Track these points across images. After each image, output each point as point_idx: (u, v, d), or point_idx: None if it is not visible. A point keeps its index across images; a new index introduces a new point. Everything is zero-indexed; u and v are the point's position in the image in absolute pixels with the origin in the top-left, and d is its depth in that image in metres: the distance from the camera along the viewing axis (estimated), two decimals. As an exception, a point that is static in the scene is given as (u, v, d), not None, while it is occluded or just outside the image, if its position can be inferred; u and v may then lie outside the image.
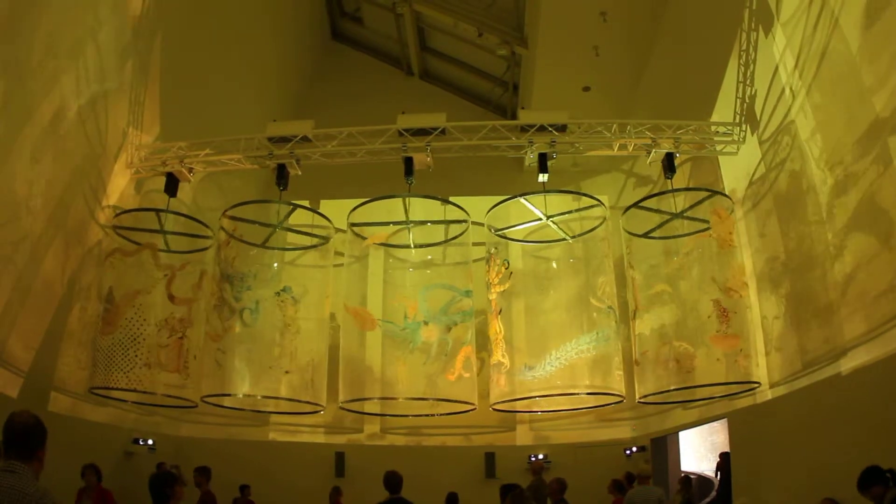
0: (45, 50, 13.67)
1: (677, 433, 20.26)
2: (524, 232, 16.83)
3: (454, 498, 16.14)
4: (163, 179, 17.35)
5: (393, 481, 13.29)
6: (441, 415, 17.27)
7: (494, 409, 16.45)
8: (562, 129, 15.80)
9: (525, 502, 12.43)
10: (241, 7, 21.92)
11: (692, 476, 20.69)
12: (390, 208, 16.72)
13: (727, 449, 17.51)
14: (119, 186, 17.55)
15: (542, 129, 15.79)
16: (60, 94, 14.57)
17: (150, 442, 19.17)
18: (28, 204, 13.93)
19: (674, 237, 15.65)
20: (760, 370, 14.31)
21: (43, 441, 5.25)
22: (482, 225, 17.00)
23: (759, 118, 14.75)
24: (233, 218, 16.95)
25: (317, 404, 16.58)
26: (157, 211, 17.16)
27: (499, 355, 15.93)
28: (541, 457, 20.36)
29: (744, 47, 14.74)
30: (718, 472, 21.16)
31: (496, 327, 16.04)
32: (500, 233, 16.77)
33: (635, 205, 15.95)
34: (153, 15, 17.24)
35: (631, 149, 16.03)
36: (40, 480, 5.22)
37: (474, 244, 17.13)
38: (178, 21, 18.60)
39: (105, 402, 16.91)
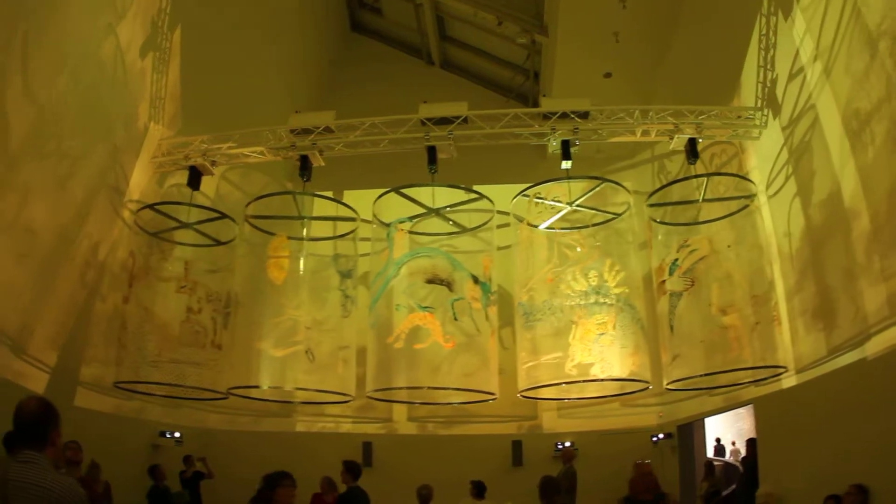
0: (63, 46, 13.91)
1: (703, 420, 20.23)
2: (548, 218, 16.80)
3: (480, 485, 16.21)
4: (185, 173, 17.52)
5: (355, 470, 13.45)
6: (468, 403, 17.41)
7: (523, 397, 16.48)
8: (584, 115, 15.90)
9: (554, 491, 12.57)
10: (259, 1, 22.01)
11: (717, 462, 20.77)
12: (414, 197, 16.77)
13: (754, 435, 17.52)
14: (141, 181, 17.80)
15: (564, 116, 15.90)
16: (80, 89, 14.76)
17: (176, 434, 19.33)
18: (50, 201, 14.16)
19: (695, 223, 15.74)
20: (787, 355, 14.32)
21: (54, 424, 5.18)
22: (507, 213, 17.10)
23: (780, 102, 14.79)
24: (252, 223, 17.25)
25: (345, 394, 16.83)
26: (180, 204, 17.40)
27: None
28: (568, 444, 20.40)
29: (764, 31, 14.82)
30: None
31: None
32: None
33: (659, 190, 16.02)
34: (172, 9, 17.41)
35: (654, 135, 16.17)
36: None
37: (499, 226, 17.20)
38: (197, 15, 18.80)
39: (131, 396, 17.10)
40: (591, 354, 15.25)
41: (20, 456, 5.03)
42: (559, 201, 16.65)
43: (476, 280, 16.05)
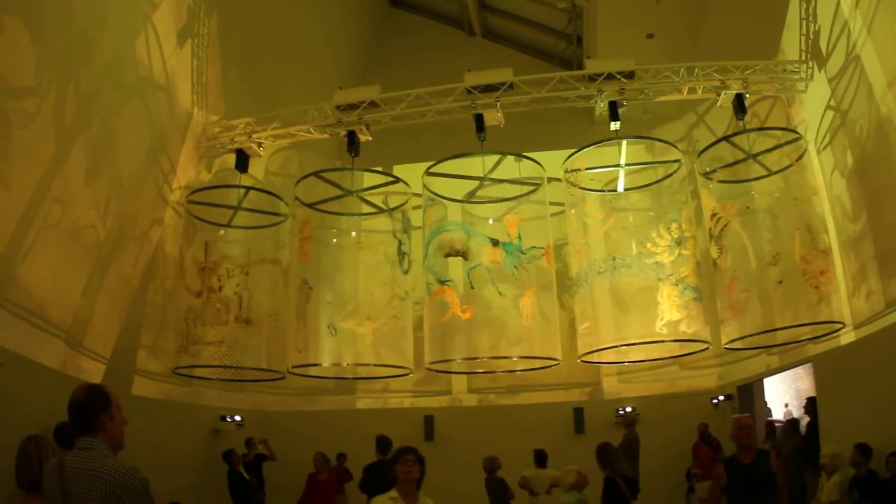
0: (101, 38, 14.31)
1: (762, 380, 20.35)
2: (603, 182, 16.91)
3: (542, 454, 16.41)
4: (233, 157, 17.89)
5: (383, 444, 13.69)
6: (527, 370, 17.52)
7: (583, 362, 16.64)
8: (630, 76, 16.08)
9: (612, 455, 12.73)
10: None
11: (777, 423, 20.81)
12: (464, 167, 17.10)
13: (813, 394, 17.53)
14: (189, 168, 18.29)
15: (609, 77, 16.08)
16: (121, 81, 15.24)
17: (237, 418, 19.63)
18: (98, 193, 14.57)
19: (747, 180, 15.79)
20: (844, 311, 14.45)
21: (101, 408, 5.32)
22: (559, 180, 17.14)
23: (824, 55, 14.91)
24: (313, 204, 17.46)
25: (404, 367, 17.02)
26: (229, 187, 17.76)
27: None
28: (629, 409, 20.49)
29: (803, -18, 14.86)
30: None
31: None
32: (571, 176, 16.81)
33: (709, 147, 16.03)
34: (207, -5, 17.75)
35: (700, 92, 16.34)
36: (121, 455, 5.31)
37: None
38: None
39: (189, 382, 17.64)
40: (679, 310, 15.32)
41: (77, 443, 5.25)
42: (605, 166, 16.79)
43: (496, 243, 16.13)
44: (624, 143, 16.41)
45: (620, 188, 16.87)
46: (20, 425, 9.90)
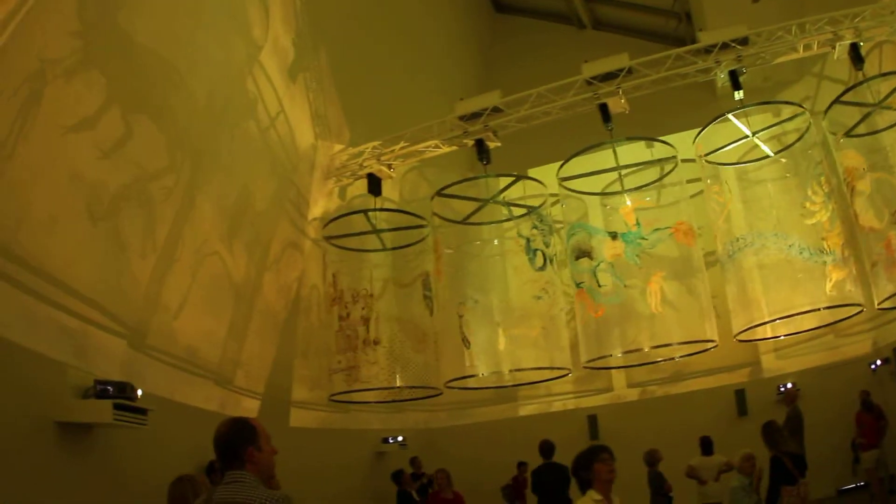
0: (215, 95, 14.68)
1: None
2: (737, 154, 16.74)
3: (708, 441, 16.35)
4: (364, 183, 18.19)
5: (546, 448, 13.75)
6: (685, 356, 17.24)
7: (739, 341, 16.43)
8: (744, 42, 16.02)
9: (777, 433, 12.67)
10: (396, 3, 22.64)
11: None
12: (599, 159, 16.96)
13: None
14: (322, 199, 18.75)
15: (724, 46, 16.05)
16: (241, 127, 15.68)
17: (399, 438, 19.82)
18: (234, 236, 15.13)
19: (874, 132, 15.24)
20: None
21: (247, 441, 5.40)
22: (692, 160, 16.89)
23: (927, -11, 14.60)
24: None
25: (563, 368, 16.83)
26: (350, 214, 18.06)
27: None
28: (790, 385, 20.19)
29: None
30: None
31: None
32: (709, 158, 16.62)
33: (834, 102, 15.73)
34: (311, 28, 18.30)
35: (815, 47, 16.14)
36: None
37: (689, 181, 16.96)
38: (338, 28, 19.86)
39: (346, 408, 17.83)
40: (838, 271, 14.76)
41: (226, 477, 5.39)
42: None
43: (615, 236, 16.07)
44: (730, 115, 16.03)
45: (770, 154, 16.55)
46: (175, 466, 10.24)
